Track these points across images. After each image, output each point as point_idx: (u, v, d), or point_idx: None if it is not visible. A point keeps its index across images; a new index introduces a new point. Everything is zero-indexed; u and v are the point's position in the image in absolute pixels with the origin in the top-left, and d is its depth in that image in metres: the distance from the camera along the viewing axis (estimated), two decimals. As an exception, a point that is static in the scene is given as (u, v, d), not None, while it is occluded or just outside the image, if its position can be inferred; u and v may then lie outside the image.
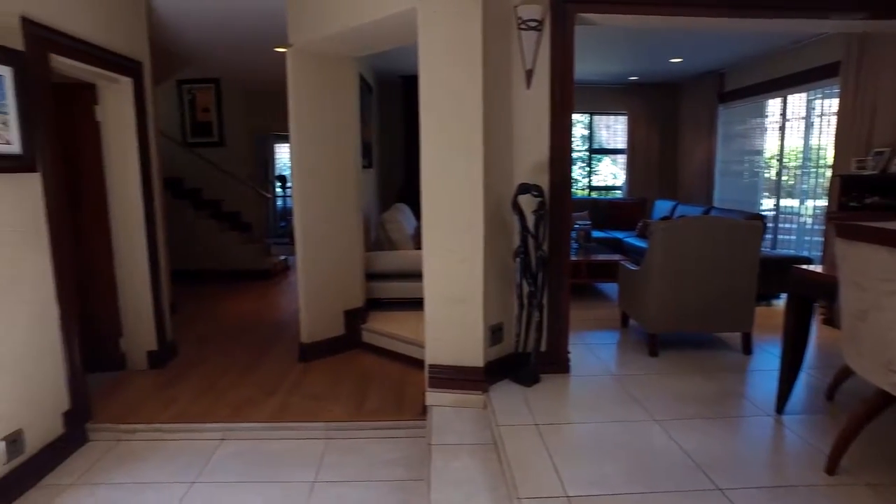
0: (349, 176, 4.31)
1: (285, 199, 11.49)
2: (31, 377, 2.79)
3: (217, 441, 3.13)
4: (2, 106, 2.57)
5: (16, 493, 2.63)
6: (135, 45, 3.87)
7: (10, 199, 2.66)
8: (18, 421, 2.69)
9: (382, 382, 3.77)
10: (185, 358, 4.27)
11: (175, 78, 7.49)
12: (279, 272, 7.83)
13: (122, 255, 3.89)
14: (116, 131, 3.80)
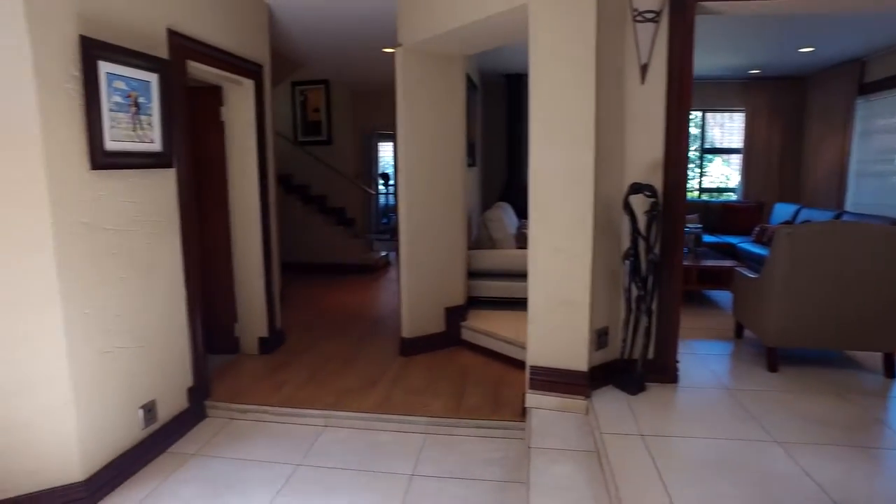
0: (454, 174, 4.34)
1: (388, 197, 11.82)
2: (164, 354, 3.06)
3: (321, 427, 3.26)
4: (148, 108, 2.82)
5: (150, 456, 2.90)
6: (257, 49, 4.13)
7: (151, 192, 2.93)
8: (153, 392, 2.95)
9: (481, 381, 3.76)
10: (293, 345, 4.50)
11: (289, 80, 7.91)
12: (381, 267, 8.07)
13: (239, 247, 4.16)
14: (238, 130, 4.07)
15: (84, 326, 2.50)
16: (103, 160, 2.55)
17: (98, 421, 2.60)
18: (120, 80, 2.64)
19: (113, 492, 2.65)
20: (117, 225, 2.69)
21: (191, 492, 2.65)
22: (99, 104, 2.51)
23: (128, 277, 2.77)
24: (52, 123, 2.33)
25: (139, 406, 2.86)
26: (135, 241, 2.81)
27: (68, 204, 2.41)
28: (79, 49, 2.44)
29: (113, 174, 2.65)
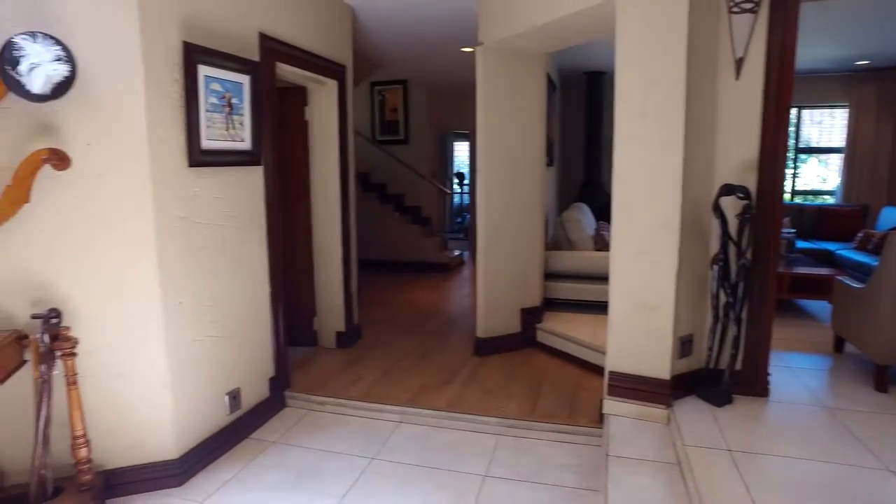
0: (533, 174, 4.28)
1: (462, 196, 11.86)
2: (249, 344, 3.19)
3: (395, 423, 3.30)
4: (240, 109, 2.95)
5: (234, 441, 3.04)
6: (340, 50, 4.23)
7: (240, 188, 3.07)
8: (238, 380, 3.09)
9: (556, 384, 3.68)
10: (368, 340, 4.59)
11: (368, 80, 8.09)
12: (455, 266, 8.10)
13: (320, 243, 4.29)
14: (321, 129, 4.19)
15: (179, 315, 2.66)
16: (200, 158, 2.70)
17: (190, 404, 2.75)
18: (216, 83, 2.78)
19: (201, 471, 2.79)
20: (209, 220, 2.84)
21: (272, 477, 2.75)
22: (197, 105, 2.65)
23: (219, 270, 2.91)
24: (157, 124, 2.48)
25: (225, 393, 3.00)
26: (225, 235, 2.96)
27: (168, 199, 2.56)
28: (182, 54, 2.59)
29: (206, 171, 2.80)
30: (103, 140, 2.39)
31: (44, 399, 2.28)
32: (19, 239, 2.33)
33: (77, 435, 2.34)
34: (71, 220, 2.38)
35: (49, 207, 2.34)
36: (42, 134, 2.31)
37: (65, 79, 2.13)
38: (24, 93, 2.09)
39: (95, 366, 2.47)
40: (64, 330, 2.28)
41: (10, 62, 2.04)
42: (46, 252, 2.37)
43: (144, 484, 2.61)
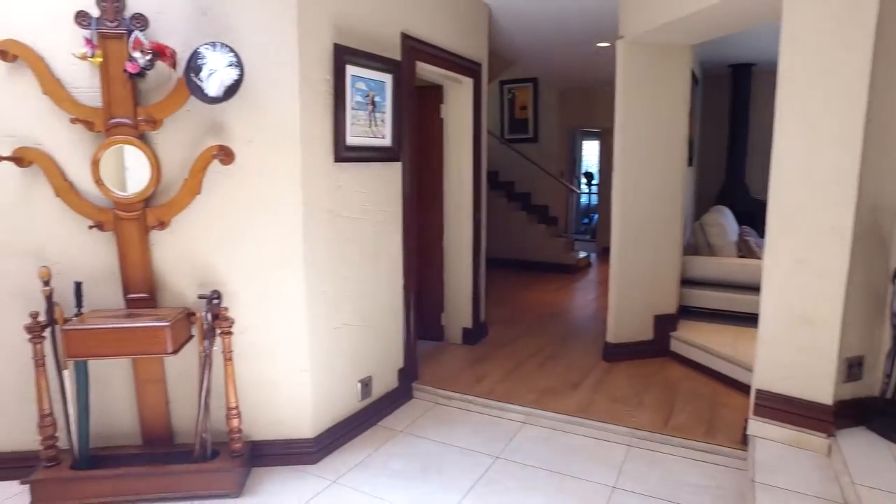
0: (673, 174, 4.02)
1: (590, 197, 11.52)
2: (381, 335, 3.32)
3: (520, 423, 3.26)
4: (382, 107, 3.08)
5: (364, 427, 3.18)
6: (476, 48, 4.26)
7: (380, 184, 3.20)
8: (370, 369, 3.23)
9: (692, 398, 3.43)
10: (494, 338, 4.59)
11: (498, 79, 8.10)
12: (582, 268, 7.88)
13: (451, 240, 4.36)
14: (456, 127, 4.25)
15: (322, 303, 2.82)
16: (345, 154, 2.84)
17: (326, 388, 2.91)
18: (361, 82, 2.92)
19: (333, 453, 2.94)
20: (351, 213, 2.98)
21: (399, 465, 2.84)
22: (344, 104, 2.80)
23: (358, 262, 3.06)
24: (308, 122, 2.65)
25: (358, 380, 3.15)
26: (365, 228, 3.09)
27: (315, 192, 2.73)
28: (332, 56, 2.75)
29: (350, 166, 2.94)
30: (261, 137, 2.59)
31: (205, 371, 2.53)
32: (190, 226, 2.60)
33: (231, 406, 2.56)
34: (232, 209, 2.61)
35: (215, 198, 2.59)
36: (212, 132, 2.55)
37: (234, 82, 2.33)
38: (202, 96, 2.32)
39: (247, 345, 2.69)
40: (223, 310, 2.51)
41: (194, 69, 2.28)
42: (211, 238, 2.63)
43: (283, 458, 2.80)
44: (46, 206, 2.57)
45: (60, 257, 2.60)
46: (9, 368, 2.67)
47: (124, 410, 2.73)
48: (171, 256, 2.62)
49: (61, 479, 2.49)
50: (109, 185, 2.46)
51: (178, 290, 2.64)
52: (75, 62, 2.45)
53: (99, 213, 2.52)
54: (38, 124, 2.52)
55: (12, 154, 2.46)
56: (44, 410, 2.50)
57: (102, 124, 2.45)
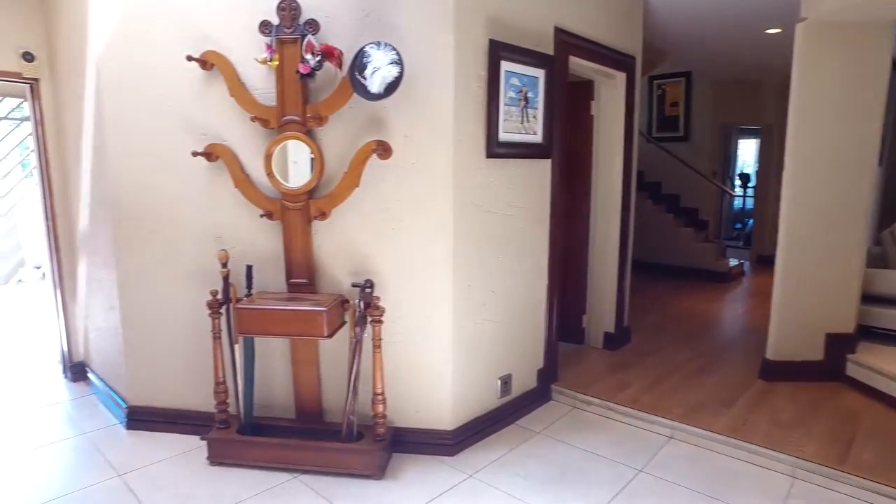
0: (859, 175, 3.50)
1: (744, 200, 10.57)
2: (522, 333, 3.28)
3: (665, 438, 3.06)
4: (535, 103, 3.03)
5: (501, 425, 3.16)
6: (631, 41, 4.05)
7: (528, 180, 3.16)
8: (510, 367, 3.21)
9: (878, 433, 2.99)
10: (638, 346, 4.35)
11: (648, 74, 7.67)
12: (734, 277, 7.24)
13: (596, 239, 4.20)
14: (606, 124, 4.08)
15: (466, 297, 2.85)
16: (496, 150, 2.84)
17: (467, 382, 2.93)
18: (515, 77, 2.89)
19: (470, 447, 2.96)
20: (499, 209, 2.97)
21: (536, 467, 2.78)
22: (498, 100, 2.79)
23: (503, 258, 3.04)
24: (462, 118, 2.68)
25: (497, 377, 3.14)
26: (512, 225, 3.07)
27: (466, 187, 2.75)
28: (486, 52, 2.75)
29: (500, 163, 2.93)
30: (417, 133, 2.66)
31: (355, 356, 2.66)
32: (348, 218, 2.75)
33: (377, 392, 2.67)
34: (387, 203, 2.72)
35: (371, 192, 2.70)
36: (371, 128, 2.67)
37: (395, 79, 2.41)
38: (365, 93, 2.43)
39: (394, 333, 2.79)
40: (375, 299, 2.61)
41: (359, 67, 2.40)
42: (367, 229, 2.75)
43: (422, 447, 2.87)
44: (226, 197, 2.86)
45: (235, 242, 2.88)
46: (191, 339, 3.01)
47: (281, 386, 2.97)
48: (329, 246, 2.79)
49: (230, 441, 2.77)
50: (279, 178, 2.67)
51: (334, 277, 2.80)
52: (255, 66, 2.70)
53: (269, 204, 2.75)
54: (223, 123, 2.81)
55: (204, 150, 2.76)
56: (219, 378, 2.78)
57: (276, 121, 2.66)
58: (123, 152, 2.97)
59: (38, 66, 3.67)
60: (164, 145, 2.90)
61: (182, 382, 3.09)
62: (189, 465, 2.81)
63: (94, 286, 3.49)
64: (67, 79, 3.50)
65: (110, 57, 2.91)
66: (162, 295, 3.04)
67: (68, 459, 2.94)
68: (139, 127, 2.92)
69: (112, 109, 2.95)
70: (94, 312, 3.57)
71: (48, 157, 3.79)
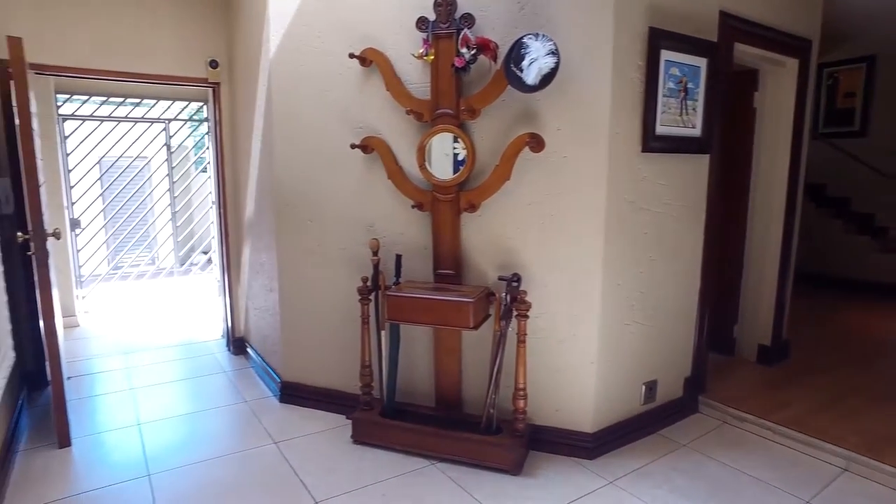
0: None
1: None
2: (670, 339, 3.09)
3: (838, 469, 2.72)
4: (695, 94, 2.84)
5: (643, 433, 3.00)
6: (806, 21, 3.65)
7: (683, 177, 2.96)
8: (655, 372, 3.03)
9: None
10: (799, 362, 3.92)
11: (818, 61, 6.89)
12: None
13: (753, 243, 3.84)
14: (771, 118, 3.71)
15: (615, 296, 2.73)
16: (652, 144, 2.69)
17: (610, 385, 2.82)
18: (675, 67, 2.72)
19: (610, 453, 2.84)
20: (651, 206, 2.82)
21: (682, 482, 2.60)
22: (656, 91, 2.64)
23: (654, 258, 2.88)
24: (618, 110, 2.57)
25: (642, 382, 2.98)
26: (665, 224, 2.90)
27: (619, 182, 2.64)
28: (646, 40, 2.61)
29: (655, 157, 2.77)
30: (570, 126, 2.59)
31: (499, 350, 2.65)
32: (497, 210, 2.75)
33: (519, 387, 2.64)
34: (537, 196, 2.68)
35: (521, 185, 2.68)
36: (523, 121, 2.65)
37: (551, 70, 2.37)
38: (520, 85, 2.41)
39: (538, 329, 2.75)
40: (522, 294, 2.59)
41: (516, 59, 2.38)
42: (515, 222, 2.74)
43: (560, 447, 2.80)
44: (378, 188, 2.98)
45: (385, 232, 3.00)
46: (340, 323, 3.19)
47: (423, 374, 3.04)
48: (477, 238, 2.81)
49: (373, 422, 2.89)
50: (431, 170, 2.74)
51: (480, 269, 2.82)
52: (411, 61, 2.79)
53: (420, 195, 2.82)
54: (378, 117, 2.94)
55: (361, 142, 2.91)
56: (365, 362, 2.92)
57: (430, 115, 2.73)
58: (288, 146, 3.21)
59: (219, 72, 4.09)
60: (323, 139, 3.09)
61: (330, 363, 3.28)
62: (334, 441, 2.98)
63: (256, 269, 3.82)
64: (242, 82, 3.87)
65: (281, 60, 3.16)
66: (316, 279, 3.25)
67: (233, 422, 3.25)
68: (302, 122, 3.14)
69: (280, 107, 3.20)
70: (255, 293, 3.91)
71: (223, 152, 4.21)
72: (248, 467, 2.74)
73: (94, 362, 4.27)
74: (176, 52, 3.95)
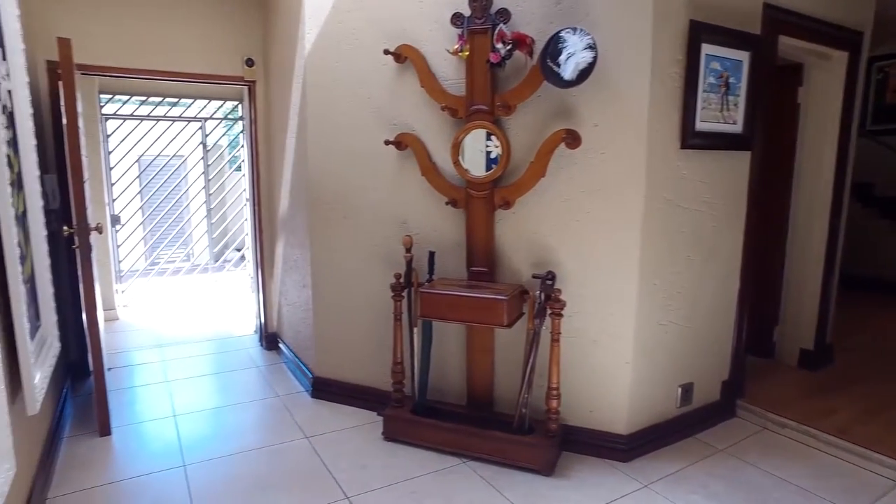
0: None
1: None
2: (706, 340, 3.01)
3: (889, 482, 2.60)
4: (736, 89, 2.76)
5: (678, 437, 2.93)
6: (858, 12, 3.50)
7: (723, 174, 2.88)
8: (691, 374, 2.96)
9: None
10: (844, 368, 3.78)
11: (866, 56, 6.63)
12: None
13: (795, 244, 3.72)
14: (816, 114, 3.58)
15: (651, 296, 2.67)
16: (692, 140, 2.62)
17: (645, 386, 2.76)
18: (716, 61, 2.65)
19: (644, 456, 2.78)
20: (690, 204, 2.75)
21: (719, 488, 2.53)
22: (696, 86, 2.57)
23: (692, 258, 2.81)
24: (656, 105, 2.51)
25: (678, 384, 2.91)
26: (703, 222, 2.82)
27: (658, 180, 2.58)
28: (686, 33, 2.55)
29: (695, 154, 2.70)
30: (608, 121, 2.55)
31: (533, 349, 2.62)
32: (532, 207, 2.72)
33: (552, 387, 2.61)
34: (572, 193, 2.64)
35: (557, 182, 2.65)
36: (559, 117, 2.61)
37: (588, 65, 2.32)
38: (557, 80, 2.38)
39: (572, 328, 2.71)
40: (556, 292, 2.55)
41: (553, 54, 2.34)
42: (549, 220, 2.70)
43: (593, 448, 2.76)
44: (412, 185, 2.98)
45: (418, 228, 3.00)
46: (373, 319, 3.20)
47: (454, 372, 3.03)
48: (510, 235, 2.78)
49: (405, 419, 2.89)
50: (465, 166, 2.72)
51: (513, 267, 2.79)
52: (446, 57, 2.78)
53: (454, 192, 2.81)
54: (412, 114, 2.93)
55: (395, 139, 2.91)
56: (397, 359, 2.92)
57: (464, 111, 2.71)
58: (322, 143, 3.24)
59: (255, 70, 4.15)
60: (357, 136, 3.10)
61: (362, 359, 3.30)
62: (365, 437, 2.99)
63: (290, 265, 3.87)
64: (277, 80, 3.91)
65: (316, 58, 3.18)
66: (349, 275, 3.26)
67: (265, 416, 3.29)
68: (337, 119, 3.16)
69: (315, 104, 3.22)
70: (288, 289, 3.95)
71: (258, 150, 4.27)
72: (280, 461, 2.77)
73: (133, 355, 4.38)
74: (213, 52, 4.02)
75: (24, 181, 2.40)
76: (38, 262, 2.47)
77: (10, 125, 2.25)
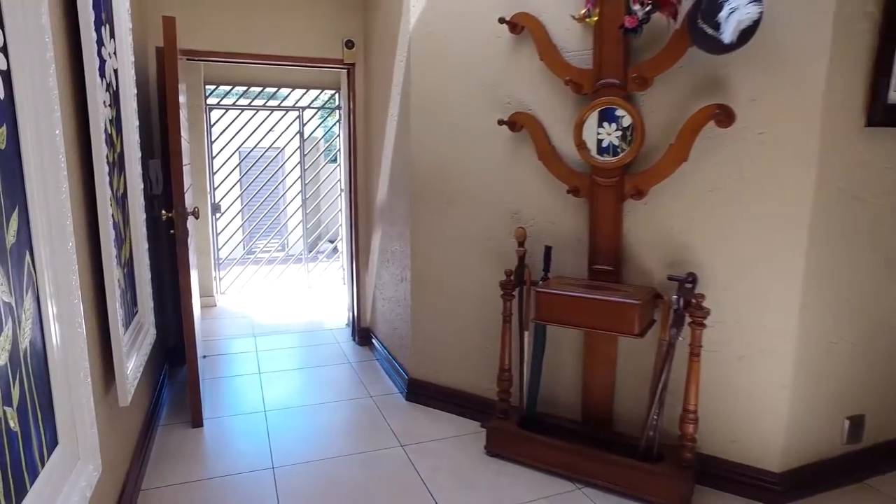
0: None
1: None
2: (886, 363, 2.45)
3: None
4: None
5: (844, 480, 2.40)
6: None
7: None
8: (862, 405, 2.42)
9: None
10: None
11: None
12: None
13: None
14: None
15: (817, 307, 2.19)
16: (880, 116, 2.12)
17: (805, 416, 2.28)
18: (915, 18, 2.11)
19: (798, 500, 2.30)
20: (870, 196, 2.23)
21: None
22: (893, 47, 2.07)
23: (871, 262, 2.29)
24: (836, 73, 2.03)
25: (845, 416, 2.40)
26: (885, 219, 2.29)
27: (833, 165, 2.10)
28: (879, -17, 2.05)
29: (882, 133, 2.18)
30: (769, 95, 2.10)
31: (666, 363, 2.23)
32: (669, 198, 2.32)
33: (689, 408, 2.20)
34: (720, 181, 2.21)
35: (701, 168, 2.23)
36: (703, 90, 2.19)
37: (753, 23, 1.89)
38: (711, 44, 1.96)
39: (713, 342, 2.28)
40: (699, 298, 2.14)
41: (708, 13, 1.93)
42: (689, 213, 2.29)
43: (735, 486, 2.32)
44: (526, 171, 2.66)
45: (531, 220, 2.67)
46: (477, 319, 2.91)
47: (567, 382, 2.68)
48: (642, 230, 2.39)
49: (512, 434, 2.58)
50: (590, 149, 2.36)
51: (643, 267, 2.40)
52: (568, 27, 2.43)
53: (576, 179, 2.46)
54: (528, 91, 2.61)
55: (509, 119, 2.59)
56: (504, 365, 2.61)
57: (591, 85, 2.35)
58: (426, 125, 2.98)
59: (355, 52, 3.98)
60: (464, 117, 2.82)
61: (463, 362, 3.02)
62: (465, 450, 2.71)
63: (387, 257, 3.66)
64: (377, 61, 3.71)
65: (421, 32, 2.93)
66: (452, 270, 2.99)
67: (358, 419, 3.09)
68: (442, 98, 2.89)
69: (419, 82, 2.97)
70: (384, 283, 3.75)
71: (356, 137, 4.10)
72: (374, 471, 2.55)
73: (227, 343, 4.36)
74: (313, 35, 3.89)
75: (126, 162, 2.31)
76: (137, 246, 2.38)
77: (115, 103, 2.15)
